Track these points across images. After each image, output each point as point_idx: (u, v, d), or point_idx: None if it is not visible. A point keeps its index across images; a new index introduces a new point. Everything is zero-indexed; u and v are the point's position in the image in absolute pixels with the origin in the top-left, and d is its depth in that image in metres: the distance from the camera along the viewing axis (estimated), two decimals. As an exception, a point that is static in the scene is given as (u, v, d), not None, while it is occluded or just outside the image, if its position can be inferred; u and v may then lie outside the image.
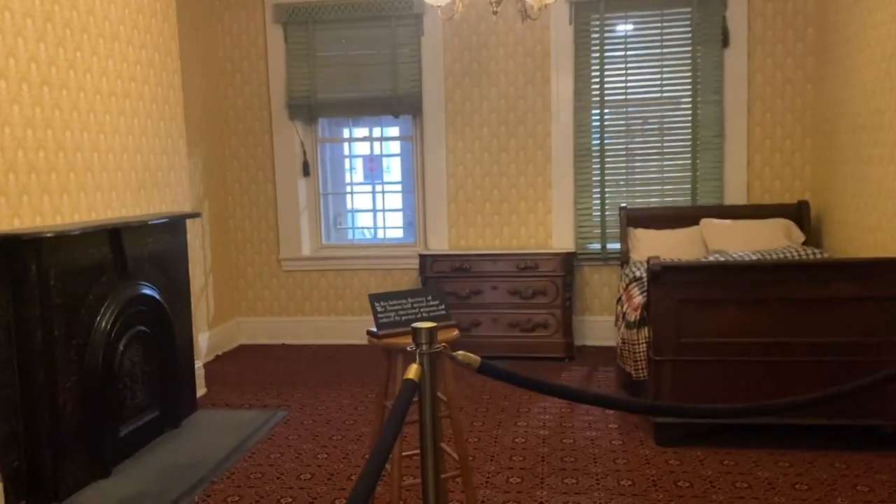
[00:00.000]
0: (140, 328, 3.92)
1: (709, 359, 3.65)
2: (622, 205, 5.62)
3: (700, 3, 5.47)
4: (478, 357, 2.07)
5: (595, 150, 5.76)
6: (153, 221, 3.98)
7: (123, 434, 3.76)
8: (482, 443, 3.86)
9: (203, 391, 4.86)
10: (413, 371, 1.94)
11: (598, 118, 5.74)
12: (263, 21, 6.02)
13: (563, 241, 5.78)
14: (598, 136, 5.75)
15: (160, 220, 4.04)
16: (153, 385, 4.06)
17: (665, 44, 5.62)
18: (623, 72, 5.69)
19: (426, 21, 5.79)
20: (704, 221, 5.34)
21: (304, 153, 6.14)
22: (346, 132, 8.40)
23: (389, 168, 8.41)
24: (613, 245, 5.74)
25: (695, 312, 3.64)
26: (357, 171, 8.90)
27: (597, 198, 5.80)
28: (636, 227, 5.50)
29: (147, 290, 3.97)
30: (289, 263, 6.18)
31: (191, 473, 3.61)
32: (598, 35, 5.66)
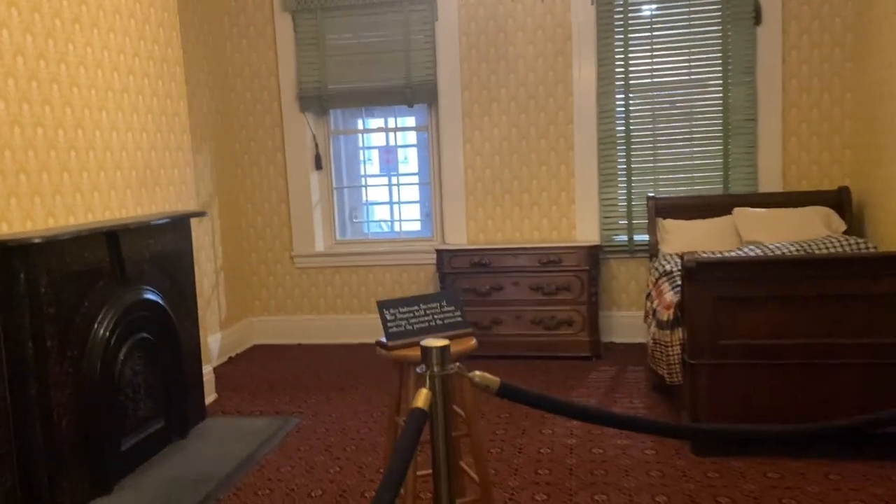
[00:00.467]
0: (142, 335, 3.71)
1: (749, 362, 3.37)
2: (650, 194, 5.34)
3: (730, -21, 5.15)
4: (497, 378, 1.83)
5: (620, 138, 5.47)
6: (154, 222, 3.77)
7: (126, 447, 3.56)
8: (505, 453, 3.62)
9: (213, 397, 4.67)
10: (422, 398, 1.70)
11: (623, 103, 5.44)
12: (272, 9, 5.78)
13: (588, 234, 5.51)
14: (624, 123, 5.45)
15: (161, 221, 3.83)
16: (157, 394, 3.86)
17: (693, 23, 5.30)
18: (649, 54, 5.39)
19: (440, 5, 5.52)
20: (737, 210, 5.04)
21: (316, 146, 5.91)
22: (361, 123, 8.19)
23: (407, 159, 8.16)
24: (641, 237, 5.45)
25: (734, 312, 3.37)
26: (373, 163, 8.68)
27: (623, 187, 5.51)
28: (665, 218, 5.21)
29: (149, 295, 3.76)
30: (302, 260, 5.96)
31: (196, 489, 3.41)
32: (622, 15, 5.36)
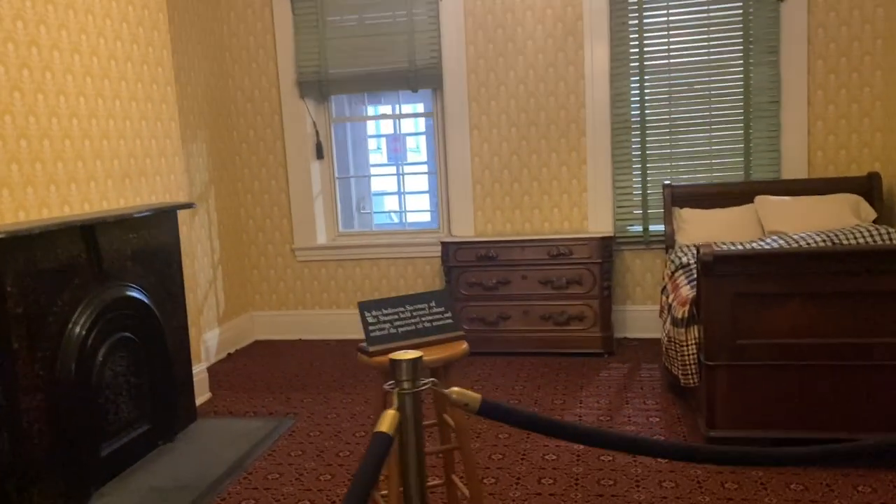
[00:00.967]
0: (123, 335, 3.51)
1: (771, 364, 3.11)
2: (666, 182, 5.05)
3: (752, -48, 4.84)
4: (477, 395, 1.59)
5: (635, 122, 5.18)
6: (135, 215, 3.56)
7: (106, 453, 3.37)
8: (507, 460, 3.39)
9: (206, 396, 4.48)
10: (387, 420, 1.46)
11: (638, 86, 5.15)
12: (270, -9, 5.55)
13: (601, 224, 5.24)
14: (638, 107, 5.17)
15: (144, 213, 3.62)
16: (142, 396, 3.66)
17: (712, 0, 5.00)
18: (665, 33, 5.09)
19: (445, -16, 5.26)
20: (759, 199, 4.75)
21: (317, 134, 5.68)
22: (371, 110, 7.94)
23: (419, 147, 7.91)
24: (657, 227, 5.18)
25: (754, 309, 3.10)
26: (381, 152, 8.45)
27: (637, 175, 5.23)
28: (682, 207, 4.93)
29: (131, 292, 3.56)
30: (303, 253, 5.75)
31: (178, 498, 3.21)
32: (637, -7, 5.07)
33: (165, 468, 3.53)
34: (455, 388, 1.59)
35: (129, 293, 3.55)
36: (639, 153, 5.20)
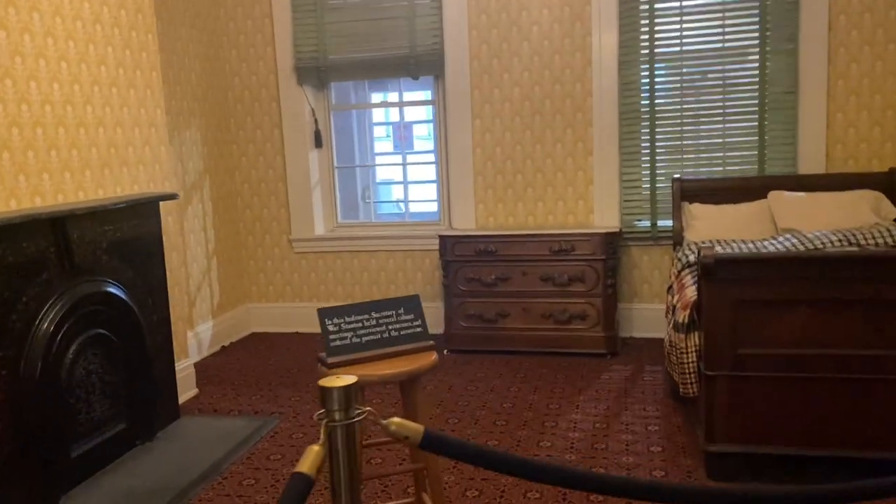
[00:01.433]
0: (97, 331, 3.37)
1: (774, 375, 2.90)
2: (675, 175, 4.83)
3: (771, -67, 4.57)
4: (419, 427, 1.41)
5: (644, 112, 4.95)
6: (110, 206, 3.41)
7: (77, 454, 3.24)
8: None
9: (193, 392, 4.35)
10: (309, 459, 1.29)
11: (648, 75, 4.92)
12: (268, -27, 5.37)
13: (607, 218, 5.03)
14: (648, 96, 4.93)
15: (119, 205, 3.47)
16: (118, 395, 3.53)
17: (728, -16, 4.75)
18: (678, 19, 4.84)
19: (447, -33, 5.05)
20: (773, 194, 4.51)
21: (316, 121, 5.51)
22: (379, 97, 7.75)
23: (431, 136, 7.72)
24: (665, 222, 4.96)
25: (758, 317, 2.89)
26: (391, 139, 8.27)
27: (646, 167, 5.01)
28: (692, 202, 4.70)
29: (106, 287, 3.42)
30: (301, 244, 5.60)
31: (148, 502, 3.08)
32: (648, -24, 4.83)
33: (140, 470, 3.41)
34: (395, 420, 1.42)
35: (104, 288, 3.41)
36: (648, 145, 4.97)
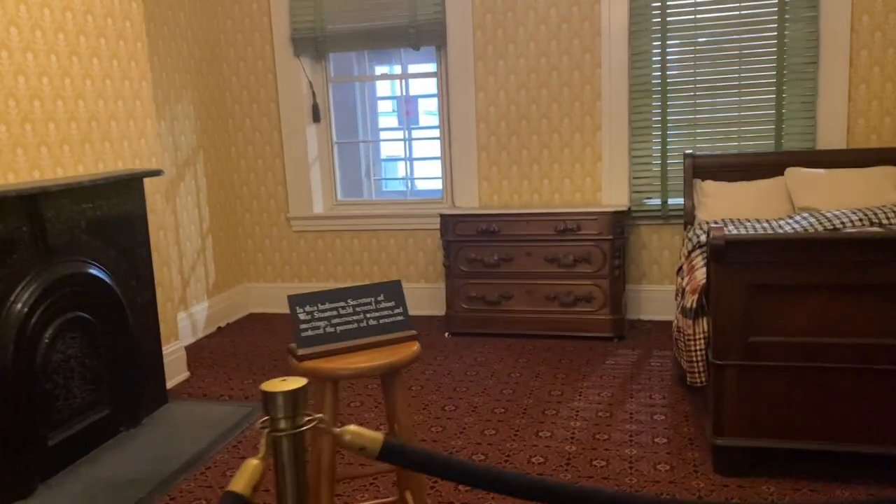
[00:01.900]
0: (76, 314, 3.23)
1: (788, 364, 2.71)
2: (687, 151, 4.60)
3: None
4: (378, 436, 1.24)
5: (655, 85, 4.72)
6: (87, 183, 3.25)
7: (55, 442, 3.11)
8: (490, 460, 3.06)
9: (184, 376, 4.22)
10: (245, 474, 1.12)
11: (660, 45, 4.68)
12: (264, -60, 5.16)
13: (616, 196, 4.82)
14: (660, 68, 4.70)
15: (97, 182, 3.31)
16: (101, 380, 3.40)
17: (745, -52, 4.49)
18: (691, -14, 4.60)
19: (450, -69, 4.81)
20: (790, 171, 4.28)
21: (314, 95, 5.31)
22: (384, 69, 7.54)
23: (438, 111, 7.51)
24: (677, 200, 4.74)
25: (771, 302, 2.69)
26: (391, 117, 8.06)
27: (657, 142, 4.78)
28: (704, 179, 4.48)
29: (85, 268, 3.27)
30: (299, 223, 5.43)
31: (126, 493, 2.95)
32: (661, -60, 4.57)
33: (123, 457, 3.28)
34: (350, 428, 1.25)
35: (83, 269, 3.26)
36: (659, 119, 4.75)
